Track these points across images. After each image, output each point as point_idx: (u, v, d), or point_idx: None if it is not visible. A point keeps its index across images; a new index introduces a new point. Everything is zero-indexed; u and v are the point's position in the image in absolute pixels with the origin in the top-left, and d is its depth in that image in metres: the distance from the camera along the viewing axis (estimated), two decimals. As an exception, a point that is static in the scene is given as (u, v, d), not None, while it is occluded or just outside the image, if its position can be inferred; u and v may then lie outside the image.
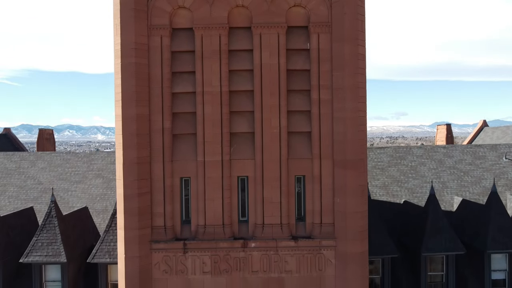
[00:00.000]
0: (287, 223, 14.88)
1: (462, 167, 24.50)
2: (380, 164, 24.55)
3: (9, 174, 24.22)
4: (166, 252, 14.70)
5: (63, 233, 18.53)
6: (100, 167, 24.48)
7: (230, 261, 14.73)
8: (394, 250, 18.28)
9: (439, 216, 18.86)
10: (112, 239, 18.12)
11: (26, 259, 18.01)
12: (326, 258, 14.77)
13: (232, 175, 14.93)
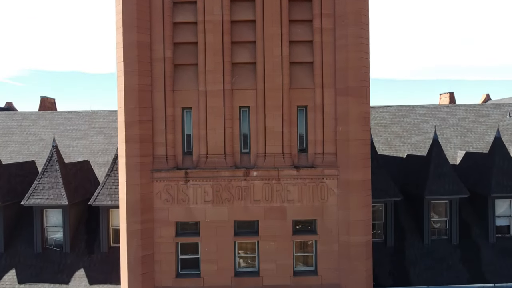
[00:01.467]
0: (289, 152, 14.77)
1: (466, 125, 24.37)
2: (382, 122, 24.43)
3: (10, 131, 24.20)
4: (168, 181, 14.61)
5: (64, 178, 18.48)
6: (101, 124, 24.43)
7: (232, 190, 14.63)
8: (397, 194, 18.14)
9: (443, 161, 18.71)
10: (113, 183, 18.05)
11: (27, 202, 17.97)
12: (328, 187, 14.65)
13: (234, 105, 14.83)
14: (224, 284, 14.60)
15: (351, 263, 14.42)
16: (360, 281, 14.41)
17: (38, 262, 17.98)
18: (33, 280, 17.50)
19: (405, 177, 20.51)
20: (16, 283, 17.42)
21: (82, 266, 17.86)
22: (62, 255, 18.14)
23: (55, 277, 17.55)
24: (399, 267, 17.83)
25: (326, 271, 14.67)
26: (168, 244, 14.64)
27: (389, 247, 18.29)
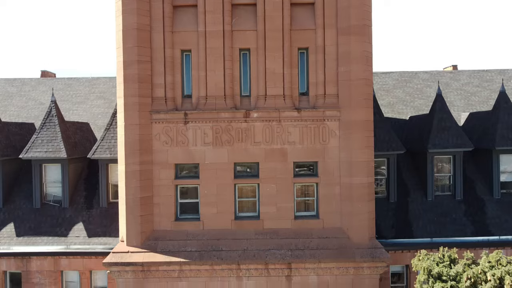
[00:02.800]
0: (290, 94, 14.54)
1: (469, 89, 24.06)
2: (385, 87, 24.16)
3: (10, 96, 24.05)
4: (167, 123, 14.40)
5: (63, 133, 18.28)
6: (102, 90, 24.25)
7: (232, 132, 14.41)
8: (400, 146, 17.84)
9: (446, 115, 18.43)
10: (112, 137, 17.83)
11: (26, 155, 17.79)
12: (330, 129, 14.41)
13: (234, 47, 14.61)
14: (224, 227, 14.38)
15: (353, 205, 14.17)
16: (362, 223, 14.17)
17: (36, 217, 17.81)
18: (31, 233, 17.31)
19: (408, 137, 20.22)
20: (14, 236, 17.24)
21: (81, 220, 17.65)
22: (61, 210, 17.94)
23: (53, 230, 17.36)
24: (402, 221, 17.54)
25: (327, 215, 14.43)
26: (167, 187, 14.43)
27: (392, 202, 17.99)
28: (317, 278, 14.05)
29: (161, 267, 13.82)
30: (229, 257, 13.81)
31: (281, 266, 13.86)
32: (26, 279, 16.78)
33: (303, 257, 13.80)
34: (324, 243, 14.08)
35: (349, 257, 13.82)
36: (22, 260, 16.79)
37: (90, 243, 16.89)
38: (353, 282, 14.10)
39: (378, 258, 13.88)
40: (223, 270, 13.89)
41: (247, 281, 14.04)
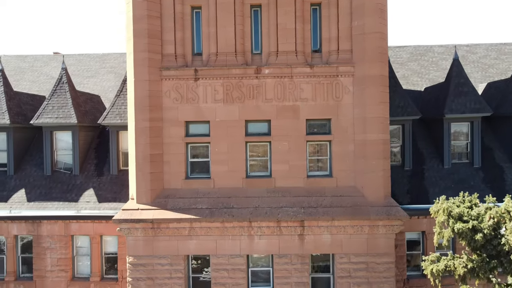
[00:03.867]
0: (302, 51, 14.19)
1: (487, 61, 23.41)
2: (399, 60, 23.63)
3: (22, 71, 24.12)
4: (177, 80, 14.18)
5: (74, 99, 18.22)
6: (112, 65, 24.20)
7: (243, 89, 14.12)
8: (416, 112, 17.34)
9: (464, 80, 17.89)
10: (123, 103, 17.66)
11: (37, 121, 17.74)
12: (343, 85, 14.04)
13: (245, 3, 14.33)
14: (235, 186, 14.09)
15: (368, 163, 13.77)
16: (377, 181, 13.76)
17: (47, 183, 17.74)
18: (42, 198, 17.25)
19: (424, 107, 19.66)
20: (25, 202, 17.20)
21: (91, 186, 17.53)
22: (72, 177, 17.85)
23: (64, 196, 17.27)
24: (417, 188, 17.04)
25: (341, 173, 14.05)
26: (177, 145, 14.20)
27: (407, 170, 17.49)
28: (331, 237, 13.68)
29: (171, 224, 13.60)
30: (240, 214, 13.53)
31: (293, 224, 13.52)
32: (37, 244, 16.70)
33: (316, 215, 13.45)
34: (337, 201, 13.71)
35: (364, 214, 13.43)
36: (33, 224, 16.73)
37: (101, 208, 16.75)
38: (367, 241, 13.69)
39: (394, 216, 13.45)
40: (234, 228, 13.60)
41: (259, 240, 13.73)
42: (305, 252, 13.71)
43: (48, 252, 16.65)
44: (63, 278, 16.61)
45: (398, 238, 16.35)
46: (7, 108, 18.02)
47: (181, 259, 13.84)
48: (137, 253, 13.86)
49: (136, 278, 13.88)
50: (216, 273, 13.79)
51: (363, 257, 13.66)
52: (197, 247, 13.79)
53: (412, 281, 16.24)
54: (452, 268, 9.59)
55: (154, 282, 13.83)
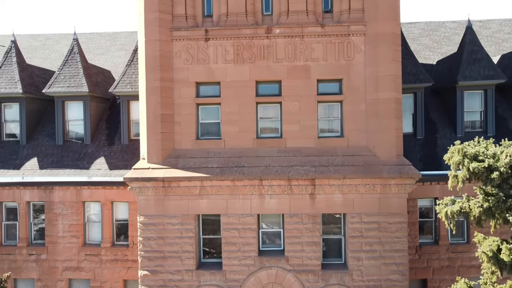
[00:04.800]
0: (313, 10, 14.09)
1: (500, 36, 23.07)
2: (411, 35, 23.35)
3: (34, 49, 24.36)
4: (187, 40, 14.17)
5: (85, 69, 18.34)
6: (123, 42, 24.32)
7: (254, 49, 14.06)
8: (428, 79, 17.12)
9: (477, 47, 17.62)
10: (133, 72, 17.74)
11: (49, 90, 17.88)
12: (355, 44, 13.90)
13: (255, -37, 14.27)
14: (245, 146, 14.04)
15: (380, 122, 13.62)
16: (389, 140, 13.60)
17: (59, 152, 17.87)
18: (54, 166, 17.38)
19: (436, 78, 19.41)
20: (37, 169, 17.34)
21: (102, 155, 17.62)
22: (83, 146, 17.96)
23: (75, 163, 17.38)
24: (429, 155, 16.84)
25: (352, 132, 13.92)
26: (188, 105, 14.19)
27: (419, 138, 17.29)
28: (342, 197, 13.56)
29: (182, 183, 13.59)
30: (251, 172, 13.47)
31: (304, 182, 13.43)
32: (49, 210, 16.83)
33: (327, 173, 13.34)
34: (349, 160, 13.58)
35: (376, 173, 13.29)
36: (45, 191, 16.86)
37: (111, 175, 16.82)
38: (379, 201, 13.55)
39: (406, 174, 13.29)
40: (245, 186, 13.55)
41: (270, 199, 13.67)
42: (316, 212, 13.61)
43: (60, 218, 16.77)
44: (74, 244, 16.71)
45: (411, 204, 16.21)
46: (19, 78, 18.21)
47: (192, 218, 13.83)
48: (148, 213, 13.88)
49: (147, 237, 13.90)
50: (227, 233, 13.75)
51: (375, 216, 13.52)
52: (208, 206, 13.76)
53: (425, 247, 16.05)
54: (467, 210, 9.42)
55: (164, 241, 13.84)
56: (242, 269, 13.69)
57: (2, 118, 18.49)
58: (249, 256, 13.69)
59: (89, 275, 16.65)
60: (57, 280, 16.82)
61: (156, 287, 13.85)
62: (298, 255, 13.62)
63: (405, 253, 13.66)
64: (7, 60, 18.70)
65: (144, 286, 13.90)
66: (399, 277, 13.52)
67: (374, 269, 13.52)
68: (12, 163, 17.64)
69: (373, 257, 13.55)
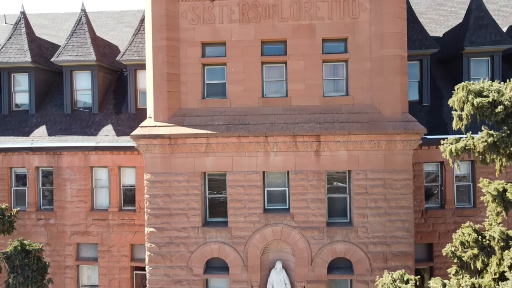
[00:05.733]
0: (318, -30, 14.14)
1: (508, 10, 22.91)
2: (417, 10, 23.23)
3: (43, 27, 24.67)
4: (193, 1, 14.29)
5: (93, 39, 18.56)
6: (130, 20, 24.54)
7: (259, 8, 14.14)
8: (434, 44, 17.08)
9: (484, 13, 17.56)
10: (140, 41, 17.93)
11: (57, 59, 18.11)
12: (360, 2, 13.93)
13: None
14: (251, 105, 14.13)
15: (385, 79, 13.63)
16: (394, 97, 13.61)
17: (67, 120, 18.11)
18: (62, 133, 17.61)
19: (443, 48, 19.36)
20: (46, 136, 17.58)
21: (110, 123, 17.83)
22: (91, 115, 18.18)
23: (83, 130, 17.60)
24: (435, 121, 16.79)
25: (357, 91, 13.95)
26: (194, 65, 14.31)
27: (425, 105, 17.25)
28: (347, 154, 13.60)
29: (188, 140, 13.71)
30: (257, 129, 13.56)
31: (309, 139, 13.48)
32: (57, 175, 17.06)
33: (332, 129, 13.38)
34: (354, 118, 13.62)
35: (381, 128, 13.30)
36: (53, 156, 17.10)
37: (119, 141, 17.01)
38: (384, 158, 13.57)
39: (411, 129, 13.29)
40: (250, 143, 13.64)
41: (275, 156, 13.75)
42: (321, 169, 13.66)
43: (68, 183, 16.99)
44: (82, 209, 16.92)
45: (416, 168, 16.18)
46: (28, 48, 18.48)
47: (198, 176, 13.95)
48: (154, 170, 14.03)
49: (153, 195, 14.04)
50: (232, 190, 13.85)
51: (380, 173, 13.54)
52: (214, 163, 13.88)
53: (431, 212, 16.02)
54: (472, 147, 9.41)
55: (171, 198, 13.98)
56: (248, 226, 13.78)
57: (12, 88, 18.79)
58: (255, 213, 13.78)
59: (97, 239, 16.86)
60: (66, 245, 17.05)
61: (162, 244, 13.99)
62: (303, 212, 13.68)
63: (410, 210, 13.66)
64: (16, 31, 18.99)
65: (151, 243, 14.05)
66: (404, 233, 13.52)
67: (379, 226, 13.54)
68: (21, 130, 17.91)
69: (378, 214, 13.57)
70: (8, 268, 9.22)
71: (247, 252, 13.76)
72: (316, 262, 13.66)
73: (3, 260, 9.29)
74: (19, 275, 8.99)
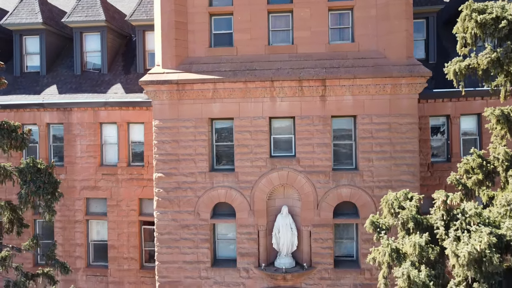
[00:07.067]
0: None
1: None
2: (424, -22, 23.32)
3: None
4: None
5: (103, 2, 18.93)
6: (139, -8, 24.82)
7: (265, -42, 14.31)
8: (440, 1, 17.16)
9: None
10: (149, 2, 18.22)
11: (67, 20, 18.46)
12: (365, -50, 14.04)
13: None
14: (257, 52, 14.30)
15: (390, 24, 13.73)
16: (399, 42, 13.71)
17: (77, 80, 18.46)
18: (72, 92, 17.96)
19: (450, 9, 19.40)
20: (56, 94, 17.94)
21: (119, 82, 18.15)
22: (100, 75, 18.51)
23: (93, 89, 17.94)
24: (442, 76, 16.67)
25: (363, 37, 14.06)
26: (201, 14, 14.52)
27: (431, 63, 17.29)
28: (352, 98, 13.71)
29: (196, 86, 13.93)
30: (263, 74, 13.73)
31: (315, 83, 13.63)
32: (68, 131, 17.38)
33: (337, 73, 13.51)
34: (360, 63, 13.74)
35: (386, 71, 13.41)
36: (64, 112, 17.43)
37: (128, 97, 17.32)
38: (390, 102, 13.67)
39: (417, 72, 13.38)
40: (257, 89, 13.82)
41: (281, 102, 13.91)
42: (327, 113, 13.79)
43: (78, 139, 17.31)
44: (92, 164, 17.22)
45: (422, 122, 16.25)
46: (40, 10, 18.85)
47: (205, 122, 14.16)
48: (163, 117, 14.26)
49: (161, 141, 14.28)
50: (239, 135, 14.04)
51: (386, 117, 13.64)
52: (221, 109, 14.08)
53: (437, 165, 16.07)
54: (475, 65, 9.49)
55: (178, 144, 14.20)
56: (254, 170, 13.96)
57: (24, 51, 19.18)
58: (261, 158, 13.95)
59: (106, 194, 17.15)
60: (75, 199, 17.36)
61: (170, 189, 14.22)
62: (309, 157, 13.82)
63: (415, 154, 13.74)
64: (28, -6, 19.39)
65: (159, 188, 14.28)
66: (410, 177, 13.60)
67: (384, 170, 13.63)
68: (32, 89, 18.29)
69: (384, 158, 13.66)
70: (20, 181, 9.52)
71: (254, 196, 13.94)
72: (322, 206, 13.79)
73: (15, 174, 9.60)
74: (31, 185, 9.26)
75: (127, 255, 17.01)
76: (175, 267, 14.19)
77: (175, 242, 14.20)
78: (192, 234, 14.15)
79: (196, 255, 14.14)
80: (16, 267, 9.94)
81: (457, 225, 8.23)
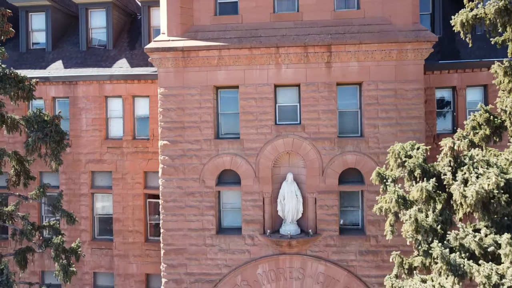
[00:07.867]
0: None
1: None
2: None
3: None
4: None
5: (108, -21, 18.95)
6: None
7: None
8: (445, -27, 17.10)
9: None
10: (154, -22, 18.28)
11: (73, -5, 18.54)
12: None
13: None
14: (262, 20, 14.28)
15: (396, -11, 13.69)
16: (405, 8, 13.67)
17: (82, 56, 18.53)
18: (78, 66, 18.03)
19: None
20: (62, 68, 18.02)
21: (124, 57, 18.20)
22: (105, 51, 18.56)
23: (98, 63, 18.00)
24: (448, 48, 16.76)
25: (368, 4, 14.01)
26: (206, -20, 14.52)
27: (438, 36, 17.23)
28: (358, 65, 13.68)
29: (201, 53, 13.94)
30: (268, 41, 13.73)
31: (320, 49, 13.60)
32: (73, 105, 17.45)
33: (343, 39, 13.49)
34: (365, 29, 13.70)
35: (392, 37, 13.38)
36: (69, 86, 17.49)
37: (133, 71, 17.37)
38: (396, 68, 13.62)
39: (422, 37, 13.33)
40: (262, 55, 13.81)
41: (286, 69, 13.89)
42: (332, 80, 13.76)
43: (83, 112, 17.37)
44: (97, 138, 17.27)
45: (428, 93, 16.19)
46: (46, -14, 18.94)
47: (210, 89, 14.17)
48: (168, 85, 14.28)
49: (166, 108, 14.31)
50: (244, 102, 14.03)
51: (391, 84, 13.60)
52: (226, 77, 14.08)
53: (443, 136, 15.90)
54: (483, 15, 9.45)
55: (184, 112, 14.22)
56: (259, 137, 13.95)
57: (30, 27, 19.27)
58: (266, 125, 13.94)
59: (111, 167, 17.19)
60: (81, 173, 17.41)
61: (175, 156, 14.23)
62: (314, 123, 13.80)
63: (421, 120, 13.69)
64: (34, -29, 19.47)
65: (164, 155, 14.30)
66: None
67: (390, 136, 13.59)
68: (38, 64, 18.37)
69: (390, 124, 13.62)
70: (27, 131, 9.55)
71: (259, 163, 13.93)
72: (327, 173, 13.76)
73: (23, 123, 9.63)
74: (38, 132, 9.29)
75: (132, 228, 17.04)
76: (180, 234, 14.20)
77: (180, 209, 14.21)
78: (197, 202, 14.15)
79: (201, 222, 14.15)
80: (23, 216, 9.99)
81: (464, 170, 8.18)
